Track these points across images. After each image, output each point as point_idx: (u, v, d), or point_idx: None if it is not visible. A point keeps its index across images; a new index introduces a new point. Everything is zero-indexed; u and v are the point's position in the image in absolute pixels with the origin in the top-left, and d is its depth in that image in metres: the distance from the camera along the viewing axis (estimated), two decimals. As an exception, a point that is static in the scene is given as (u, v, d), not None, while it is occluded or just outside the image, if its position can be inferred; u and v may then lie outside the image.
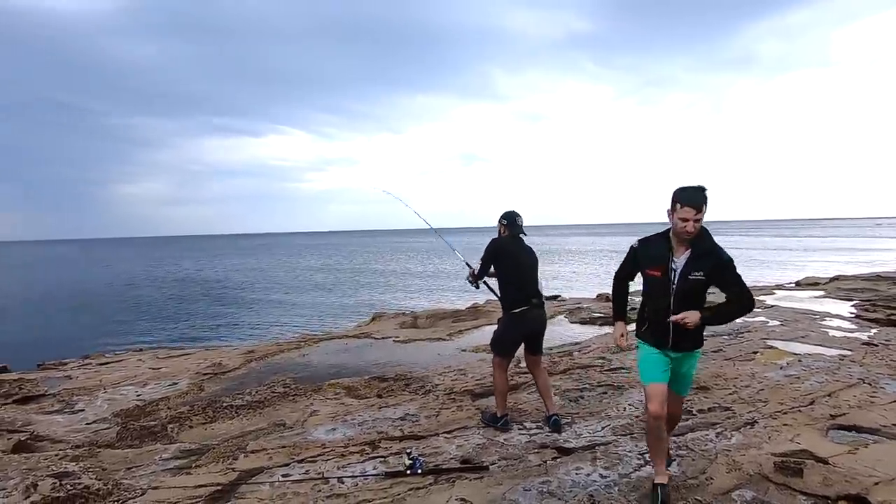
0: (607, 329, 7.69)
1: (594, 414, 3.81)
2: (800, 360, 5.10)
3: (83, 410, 4.61)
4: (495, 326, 3.78)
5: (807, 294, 10.47)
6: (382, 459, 3.13)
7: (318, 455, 3.21)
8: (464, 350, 6.57)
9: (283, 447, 3.37)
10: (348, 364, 6.15)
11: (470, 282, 3.85)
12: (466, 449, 3.26)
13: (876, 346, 5.67)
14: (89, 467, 3.23)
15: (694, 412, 3.74)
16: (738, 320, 7.61)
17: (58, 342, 12.85)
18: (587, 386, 4.47)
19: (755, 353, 5.56)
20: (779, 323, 7.30)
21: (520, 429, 3.58)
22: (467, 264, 3.98)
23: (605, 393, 4.29)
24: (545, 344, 6.76)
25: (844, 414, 3.68)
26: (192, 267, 45.49)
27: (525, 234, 3.72)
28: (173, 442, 3.76)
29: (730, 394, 4.13)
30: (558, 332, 7.51)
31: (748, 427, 3.47)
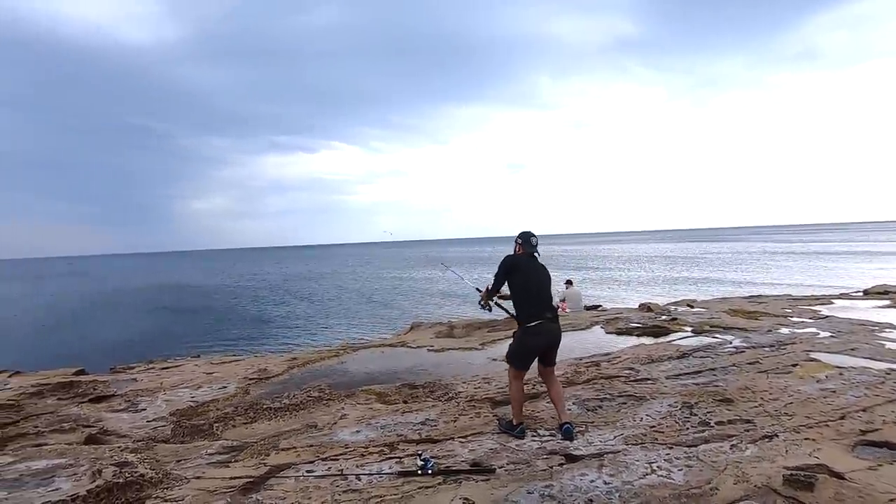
0: (645, 340, 7.59)
1: (609, 423, 3.86)
2: (841, 374, 4.87)
3: (145, 409, 5.15)
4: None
5: (871, 304, 9.79)
6: (398, 460, 3.36)
7: (341, 454, 3.48)
8: (493, 359, 6.71)
9: (311, 446, 3.67)
10: (382, 371, 6.46)
11: (482, 305, 4.06)
12: (478, 453, 3.43)
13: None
14: (146, 459, 3.67)
15: (711, 424, 3.72)
16: (784, 331, 7.37)
17: (136, 345, 14.34)
18: (608, 396, 4.50)
19: (794, 365, 5.35)
20: (829, 334, 6.93)
21: (533, 436, 3.70)
22: (477, 289, 4.18)
23: (625, 403, 4.31)
24: (576, 354, 6.83)
25: (877, 430, 3.53)
26: (251, 276, 48.29)
27: (539, 254, 3.89)
28: (218, 439, 4.17)
29: (754, 406, 4.04)
30: (591, 341, 7.48)
31: (766, 440, 3.41)
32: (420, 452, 3.27)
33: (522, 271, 3.77)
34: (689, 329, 7.95)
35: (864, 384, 4.52)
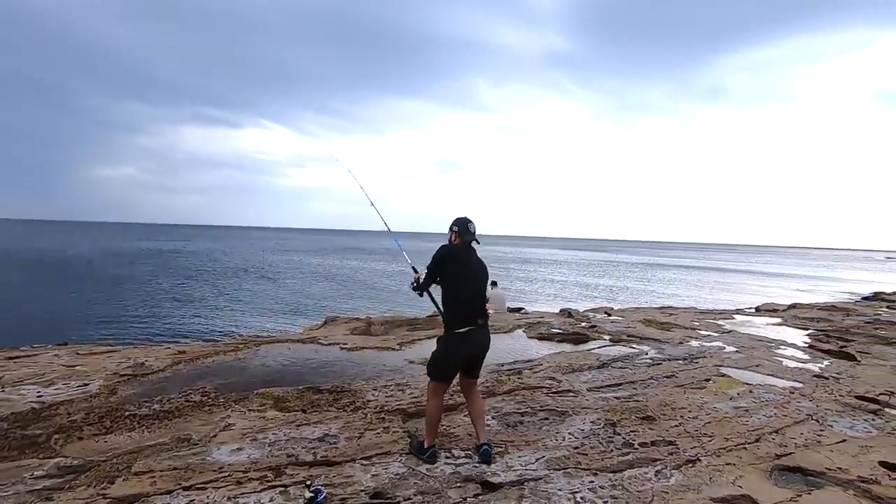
0: (565, 346, 7.49)
1: (530, 443, 3.52)
2: (751, 392, 4.94)
3: (-36, 412, 4.07)
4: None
5: (764, 320, 10.53)
6: (283, 489, 2.76)
7: (210, 482, 2.82)
8: (411, 361, 6.23)
9: (174, 469, 2.96)
10: (285, 371, 5.74)
11: (413, 288, 3.52)
12: (382, 479, 2.92)
13: (826, 379, 5.59)
14: (-64, 485, 2.76)
15: (635, 445, 3.50)
16: (694, 344, 7.61)
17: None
18: (529, 410, 4.18)
19: (707, 380, 5.40)
20: (734, 349, 7.22)
21: (447, 457, 3.26)
22: (413, 268, 3.65)
23: (547, 419, 4.01)
24: (498, 360, 6.54)
25: (790, 454, 3.48)
26: (162, 256, 43.84)
27: (478, 242, 3.43)
28: (55, 456, 3.30)
29: (675, 426, 3.90)
30: (513, 347, 7.25)
31: (689, 465, 3.23)
32: (309, 481, 2.70)
33: (457, 266, 3.28)
34: (608, 338, 7.99)
35: (772, 403, 4.59)
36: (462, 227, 3.35)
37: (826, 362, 6.61)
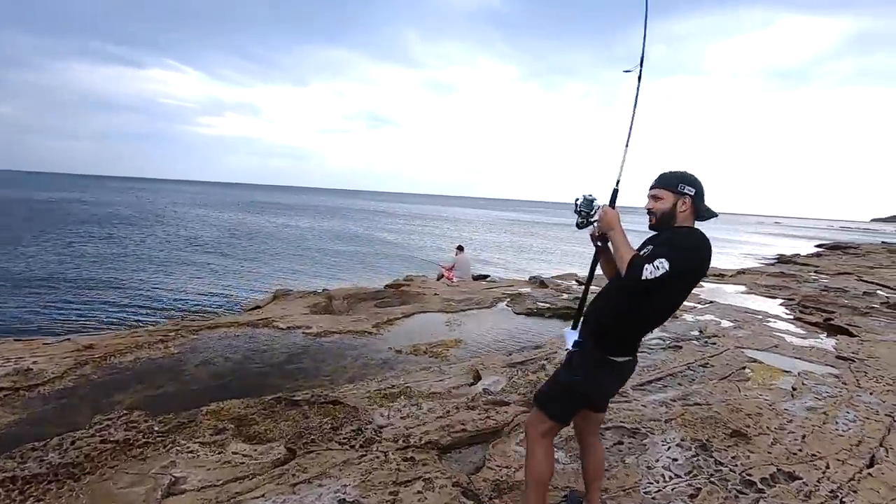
0: (557, 323, 6.69)
1: (627, 491, 2.57)
2: (804, 383, 4.38)
3: None
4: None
5: (732, 289, 10.47)
6: None
7: None
8: (398, 350, 5.09)
9: None
10: (239, 371, 4.38)
11: (583, 218, 2.19)
12: None
13: (853, 361, 5.22)
14: None
15: (756, 482, 2.67)
16: (689, 319, 7.14)
17: None
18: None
19: (743, 368, 4.80)
20: (732, 324, 6.81)
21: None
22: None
23: (621, 443, 3.09)
24: (502, 346, 5.55)
25: (920, 479, 2.85)
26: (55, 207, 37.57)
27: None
28: None
29: (771, 443, 3.15)
30: (508, 328, 6.31)
31: (841, 514, 2.46)
32: None
33: (690, 276, 1.95)
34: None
35: (835, 399, 4.02)
36: (701, 192, 1.99)
37: (827, 338, 6.35)
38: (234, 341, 5.20)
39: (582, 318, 2.13)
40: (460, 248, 11.14)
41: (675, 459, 2.87)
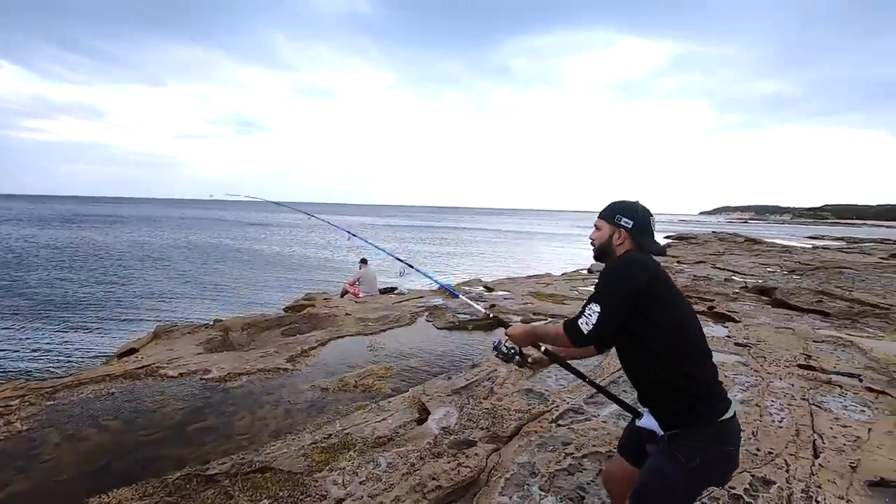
0: (481, 335, 6.51)
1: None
2: (726, 375, 4.66)
3: None
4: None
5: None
6: None
7: None
8: (325, 388, 4.44)
9: None
10: (122, 444, 3.41)
11: (503, 353, 2.09)
12: None
13: (748, 346, 5.76)
14: None
15: (743, 496, 2.64)
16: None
17: None
18: (574, 464, 2.99)
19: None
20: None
21: None
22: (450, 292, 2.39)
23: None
24: (435, 368, 5.16)
25: (858, 461, 3.09)
26: None
27: (663, 254, 1.86)
28: None
29: (777, 468, 3.20)
30: (435, 347, 5.95)
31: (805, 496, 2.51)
32: None
33: (673, 298, 1.69)
34: (518, 318, 7.29)
35: (758, 388, 4.33)
36: (641, 224, 1.78)
37: (717, 326, 7.03)
38: (109, 401, 4.09)
39: (639, 400, 1.82)
40: (364, 261, 10.50)
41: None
